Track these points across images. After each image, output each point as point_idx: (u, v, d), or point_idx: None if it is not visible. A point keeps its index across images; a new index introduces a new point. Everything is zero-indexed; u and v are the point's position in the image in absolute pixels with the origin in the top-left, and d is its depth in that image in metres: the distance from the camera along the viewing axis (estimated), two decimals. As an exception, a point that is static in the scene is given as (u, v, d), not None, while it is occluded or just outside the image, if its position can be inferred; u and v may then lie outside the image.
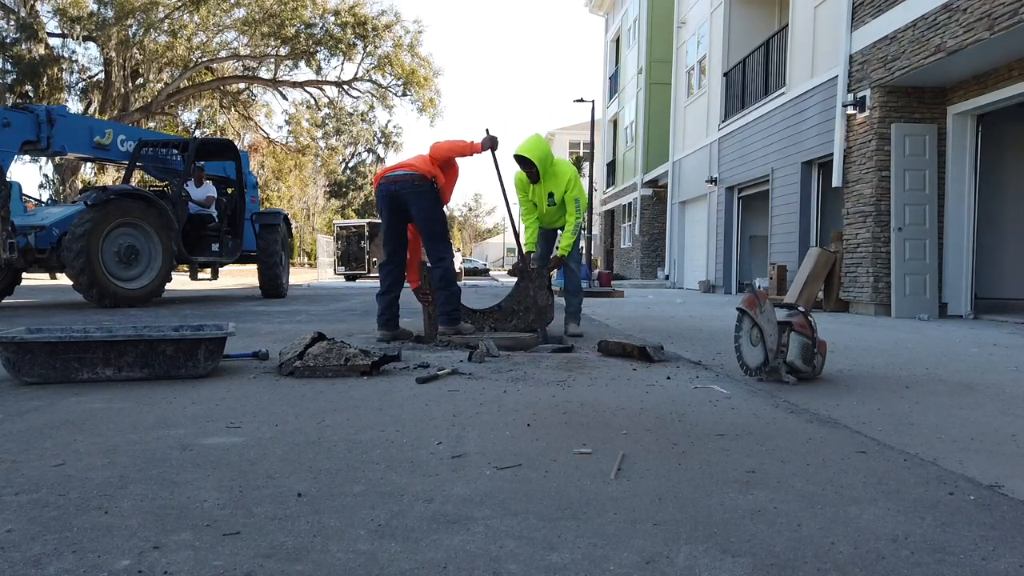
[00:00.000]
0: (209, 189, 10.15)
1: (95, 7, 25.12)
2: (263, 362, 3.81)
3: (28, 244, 7.87)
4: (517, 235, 5.42)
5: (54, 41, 26.01)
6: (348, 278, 26.58)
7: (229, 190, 10.56)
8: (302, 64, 29.32)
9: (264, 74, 30.00)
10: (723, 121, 14.73)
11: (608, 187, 28.18)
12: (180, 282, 12.91)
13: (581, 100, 24.83)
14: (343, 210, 57.52)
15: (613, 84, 27.53)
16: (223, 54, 28.99)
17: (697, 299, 12.23)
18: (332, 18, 28.37)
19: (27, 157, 25.58)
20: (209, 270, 10.80)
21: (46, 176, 29.46)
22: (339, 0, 28.58)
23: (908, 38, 7.56)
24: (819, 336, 3.39)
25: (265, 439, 2.20)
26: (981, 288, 8.58)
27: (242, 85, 30.72)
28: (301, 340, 3.60)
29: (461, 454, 2.04)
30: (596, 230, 30.29)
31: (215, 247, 9.80)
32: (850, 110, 8.73)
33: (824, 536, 1.45)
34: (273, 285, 10.73)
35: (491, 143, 4.72)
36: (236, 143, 13.42)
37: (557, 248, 5.42)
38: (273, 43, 28.03)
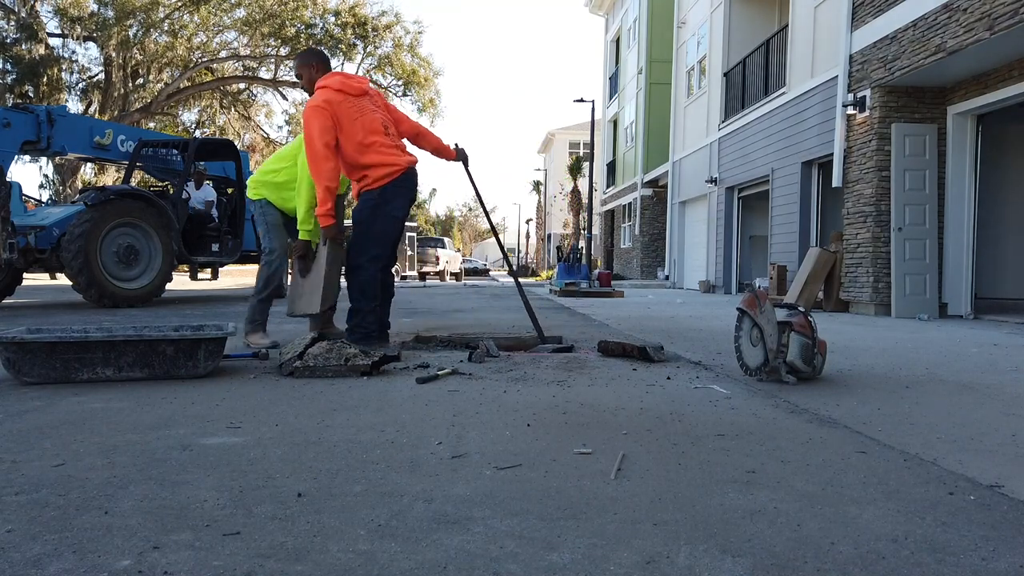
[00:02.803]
0: (208, 193, 10.13)
1: (95, 7, 25.12)
2: (263, 362, 3.81)
3: (28, 244, 7.87)
4: (499, 238, 5.46)
5: (54, 41, 26.02)
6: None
7: (229, 190, 10.55)
8: (302, 64, 29.26)
9: (264, 74, 29.99)
10: (723, 121, 14.73)
11: (608, 187, 28.19)
12: (180, 282, 12.90)
13: (581, 100, 24.85)
14: (343, 210, 57.42)
15: (613, 84, 27.54)
16: (223, 54, 28.99)
17: (697, 299, 12.23)
18: (332, 18, 28.36)
19: (27, 157, 25.61)
20: (209, 270, 10.78)
21: (46, 176, 29.44)
22: (339, 0, 28.59)
23: (908, 38, 7.56)
24: (819, 336, 3.39)
25: (265, 439, 2.20)
26: (981, 288, 8.58)
27: (242, 85, 30.72)
28: (301, 340, 3.60)
29: (461, 454, 2.04)
30: (596, 230, 30.29)
31: (215, 247, 9.78)
32: (850, 110, 8.73)
33: (824, 536, 1.45)
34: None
35: (462, 156, 4.63)
36: (236, 143, 13.41)
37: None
38: (273, 43, 28.03)
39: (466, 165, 4.73)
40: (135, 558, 1.31)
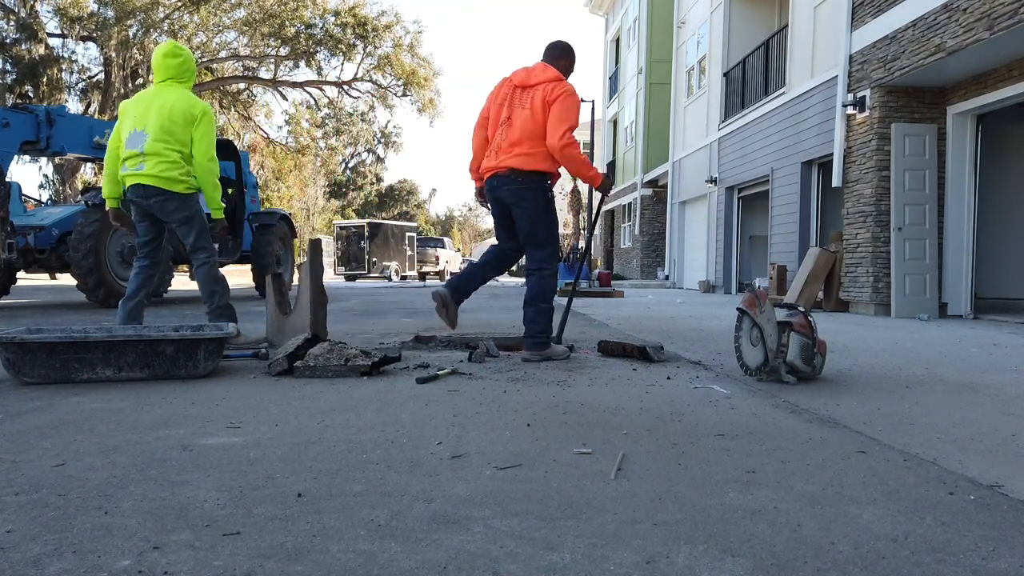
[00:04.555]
0: None
1: (95, 7, 25.14)
2: (263, 362, 3.80)
3: (27, 244, 7.87)
4: (588, 250, 5.59)
5: (54, 41, 26.03)
6: (348, 278, 26.59)
7: (229, 190, 10.52)
8: (302, 64, 29.34)
9: (264, 74, 30.00)
10: (723, 121, 14.73)
11: (608, 187, 28.15)
12: (180, 282, 12.90)
13: (581, 100, 24.82)
14: (343, 210, 57.54)
15: (613, 84, 27.54)
16: (223, 54, 29.01)
17: (697, 299, 12.23)
18: (332, 18, 28.38)
19: (27, 157, 25.56)
20: None
21: (46, 176, 29.48)
22: (339, 0, 28.60)
23: (908, 38, 7.56)
24: (819, 336, 3.39)
25: (265, 439, 2.19)
26: (981, 288, 8.58)
27: (242, 85, 30.73)
28: (294, 341, 3.60)
29: (461, 454, 2.04)
30: (596, 230, 30.28)
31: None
32: (850, 110, 8.73)
33: (824, 536, 1.45)
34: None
35: (606, 189, 4.12)
36: (236, 143, 13.42)
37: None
38: (273, 43, 28.05)
39: (605, 194, 4.21)
40: (135, 558, 1.31)
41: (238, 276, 21.08)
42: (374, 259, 26.53)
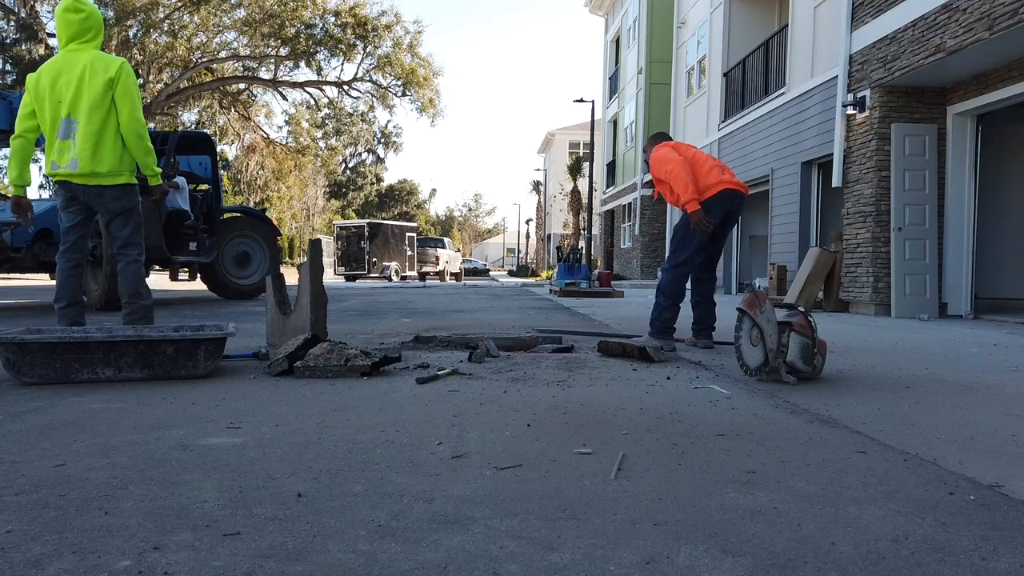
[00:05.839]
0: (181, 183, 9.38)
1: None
2: (263, 362, 3.80)
3: (2, 242, 7.49)
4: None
5: (54, 41, 26.02)
6: (348, 278, 26.61)
7: (205, 186, 9.80)
8: (302, 64, 29.36)
9: (264, 74, 30.02)
10: (723, 121, 14.73)
11: (608, 187, 28.20)
12: (162, 283, 12.89)
13: (581, 100, 24.92)
14: (343, 210, 57.59)
15: (613, 84, 27.56)
16: (223, 54, 29.03)
17: (697, 299, 12.21)
18: (332, 19, 28.42)
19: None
20: (187, 270, 9.95)
21: (46, 177, 29.49)
22: (339, 1, 28.62)
23: (908, 38, 7.56)
24: (819, 336, 3.39)
25: (265, 439, 2.19)
26: (981, 288, 8.58)
27: (242, 85, 30.75)
28: (294, 341, 3.60)
29: (461, 454, 2.04)
30: (596, 230, 30.30)
31: (193, 246, 9.09)
32: (850, 110, 8.73)
33: (824, 536, 1.45)
34: (219, 284, 9.83)
35: None
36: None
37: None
38: (273, 43, 28.08)
39: None
40: (135, 558, 1.31)
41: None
42: (374, 259, 26.55)
